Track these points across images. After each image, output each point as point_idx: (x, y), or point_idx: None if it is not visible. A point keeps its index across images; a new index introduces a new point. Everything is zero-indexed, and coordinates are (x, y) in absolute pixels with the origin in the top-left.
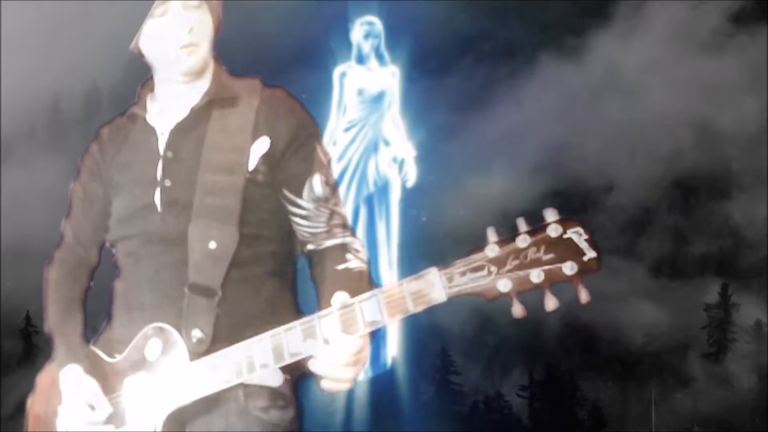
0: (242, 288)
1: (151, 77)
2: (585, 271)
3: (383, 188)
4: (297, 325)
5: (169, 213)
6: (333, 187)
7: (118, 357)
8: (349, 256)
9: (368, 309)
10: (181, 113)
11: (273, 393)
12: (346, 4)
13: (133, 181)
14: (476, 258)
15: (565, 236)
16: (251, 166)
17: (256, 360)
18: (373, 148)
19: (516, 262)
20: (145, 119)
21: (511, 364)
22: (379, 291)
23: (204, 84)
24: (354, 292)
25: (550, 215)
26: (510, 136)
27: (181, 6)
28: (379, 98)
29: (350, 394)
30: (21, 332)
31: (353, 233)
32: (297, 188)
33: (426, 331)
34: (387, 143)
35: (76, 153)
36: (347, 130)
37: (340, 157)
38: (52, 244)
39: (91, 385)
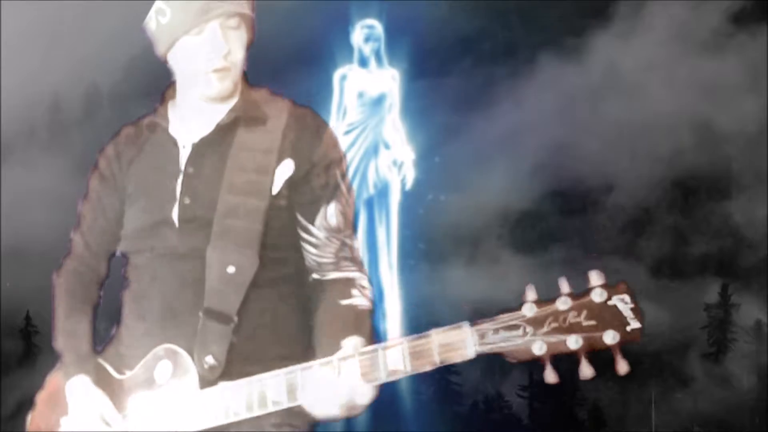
0: (258, 314)
1: (173, 83)
2: (626, 341)
3: (383, 191)
4: (316, 365)
5: (187, 230)
6: (349, 218)
7: (127, 374)
8: (354, 291)
9: (392, 357)
10: (206, 128)
11: (286, 412)
12: (348, 7)
13: (149, 194)
14: (512, 316)
15: (609, 302)
16: (275, 190)
17: (269, 396)
18: (373, 151)
19: (554, 324)
20: (166, 129)
21: (511, 364)
22: (406, 339)
23: (231, 100)
24: (355, 331)
25: (595, 278)
26: (510, 136)
27: (218, 27)
28: (379, 101)
29: None
30: (21, 332)
31: (362, 268)
32: (311, 214)
33: (426, 331)
34: (387, 146)
35: (76, 153)
36: (347, 132)
37: None
38: (52, 244)
39: (103, 398)
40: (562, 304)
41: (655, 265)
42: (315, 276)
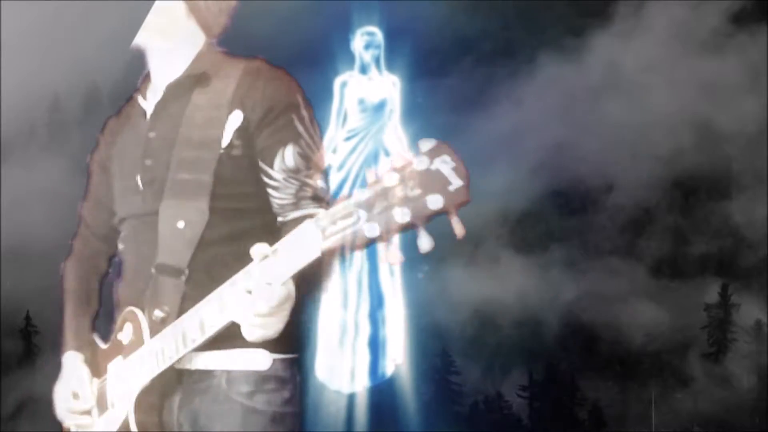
0: (216, 264)
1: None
2: (453, 202)
3: None
4: (214, 296)
5: (149, 192)
6: (311, 160)
7: (108, 344)
8: None
9: (263, 270)
10: (161, 92)
11: (260, 377)
12: (348, 14)
13: (123, 164)
14: (345, 204)
15: (432, 167)
16: (225, 142)
17: (188, 335)
18: (373, 158)
19: (384, 203)
20: (138, 102)
21: (511, 364)
22: (271, 250)
23: (185, 62)
24: None
25: (424, 144)
26: (510, 136)
27: None
28: (380, 108)
29: (351, 393)
30: (21, 332)
31: (327, 204)
32: (269, 159)
33: (426, 332)
34: (387, 153)
35: (76, 153)
36: (348, 139)
37: (341, 167)
38: (52, 244)
39: (82, 373)
40: (389, 179)
41: (655, 265)
42: (279, 219)
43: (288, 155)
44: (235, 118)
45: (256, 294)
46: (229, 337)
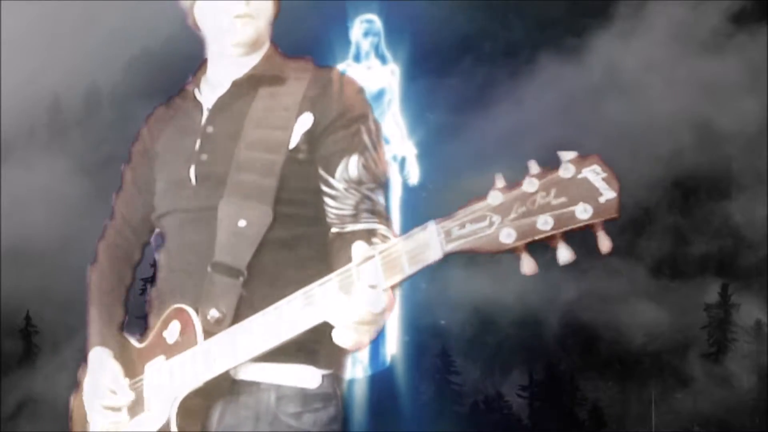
0: (273, 269)
1: (205, 60)
2: (602, 214)
3: None
4: (299, 295)
5: (202, 188)
6: (373, 173)
7: (146, 341)
8: (375, 240)
9: (366, 272)
10: (224, 88)
11: (308, 396)
12: (346, 2)
13: (173, 156)
14: (477, 207)
15: (579, 176)
16: (293, 144)
17: (258, 338)
18: None
19: (522, 209)
20: (194, 96)
21: (511, 364)
22: (377, 251)
23: (252, 61)
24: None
25: (564, 155)
26: (510, 136)
27: None
28: (378, 96)
29: (350, 393)
30: (21, 332)
31: (387, 222)
32: (331, 167)
33: (426, 332)
34: (386, 141)
35: (76, 153)
36: None
37: None
38: (52, 244)
39: (114, 369)
40: (529, 185)
41: (655, 265)
42: (334, 230)
43: (352, 165)
44: (305, 121)
45: (357, 297)
46: (278, 350)
